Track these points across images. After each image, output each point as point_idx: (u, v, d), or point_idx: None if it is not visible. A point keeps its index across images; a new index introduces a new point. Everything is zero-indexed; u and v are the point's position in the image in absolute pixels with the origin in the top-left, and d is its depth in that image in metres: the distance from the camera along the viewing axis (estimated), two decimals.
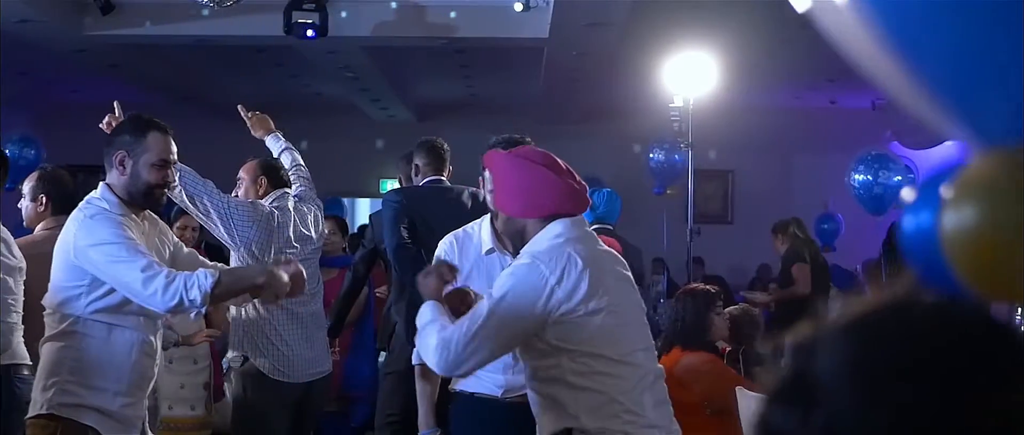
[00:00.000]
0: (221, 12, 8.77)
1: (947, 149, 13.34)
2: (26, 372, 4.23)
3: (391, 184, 15.39)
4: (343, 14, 8.85)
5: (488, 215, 3.57)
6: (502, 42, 9.49)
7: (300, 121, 12.61)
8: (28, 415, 3.39)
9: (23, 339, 4.11)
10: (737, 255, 13.34)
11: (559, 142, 7.96)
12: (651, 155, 10.09)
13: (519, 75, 11.53)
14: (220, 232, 4.40)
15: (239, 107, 5.04)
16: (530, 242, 2.99)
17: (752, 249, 12.91)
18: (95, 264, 3.28)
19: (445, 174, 5.22)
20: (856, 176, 10.52)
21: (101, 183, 3.49)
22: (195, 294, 3.19)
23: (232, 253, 4.54)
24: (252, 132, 5.00)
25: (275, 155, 4.92)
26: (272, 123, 5.01)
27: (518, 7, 8.58)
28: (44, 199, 4.45)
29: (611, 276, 3.00)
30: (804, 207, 10.99)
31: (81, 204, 3.48)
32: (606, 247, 3.12)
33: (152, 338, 3.48)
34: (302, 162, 4.95)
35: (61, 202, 4.42)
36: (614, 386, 2.93)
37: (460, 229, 3.69)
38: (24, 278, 4.25)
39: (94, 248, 3.27)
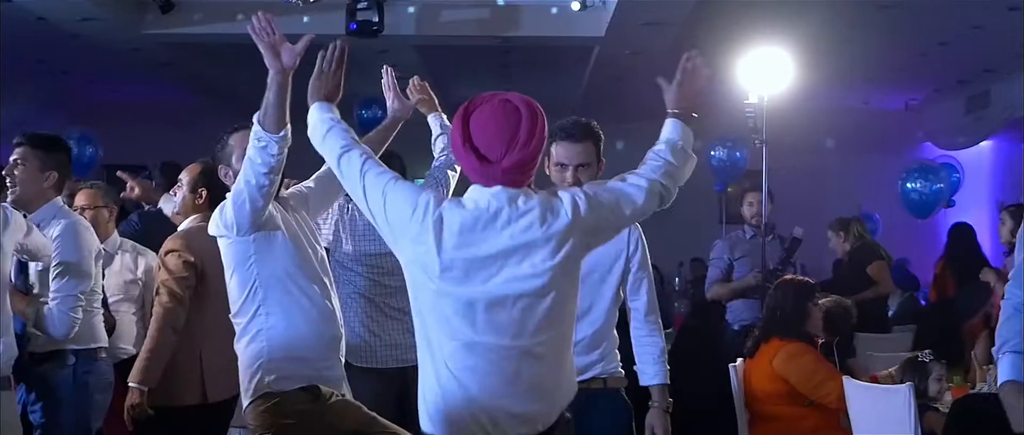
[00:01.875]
0: (281, 10, 8.84)
1: (982, 149, 13.52)
2: (104, 354, 4.39)
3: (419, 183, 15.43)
4: (398, 13, 8.90)
5: None
6: (556, 41, 9.56)
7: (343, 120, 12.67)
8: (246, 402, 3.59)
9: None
10: (770, 254, 13.38)
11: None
12: (712, 153, 10.14)
13: (560, 75, 11.59)
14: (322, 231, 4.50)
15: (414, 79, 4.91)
16: None
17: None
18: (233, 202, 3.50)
19: None
20: (907, 184, 10.62)
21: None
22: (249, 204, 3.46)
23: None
24: (419, 106, 4.81)
25: (433, 137, 4.85)
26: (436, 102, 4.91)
27: (575, 6, 8.65)
28: (204, 192, 4.48)
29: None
30: (837, 208, 11.05)
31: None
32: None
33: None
34: (453, 158, 4.85)
35: (219, 197, 4.53)
36: None
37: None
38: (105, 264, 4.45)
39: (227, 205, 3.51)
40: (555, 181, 3.61)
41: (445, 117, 4.88)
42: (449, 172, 4.83)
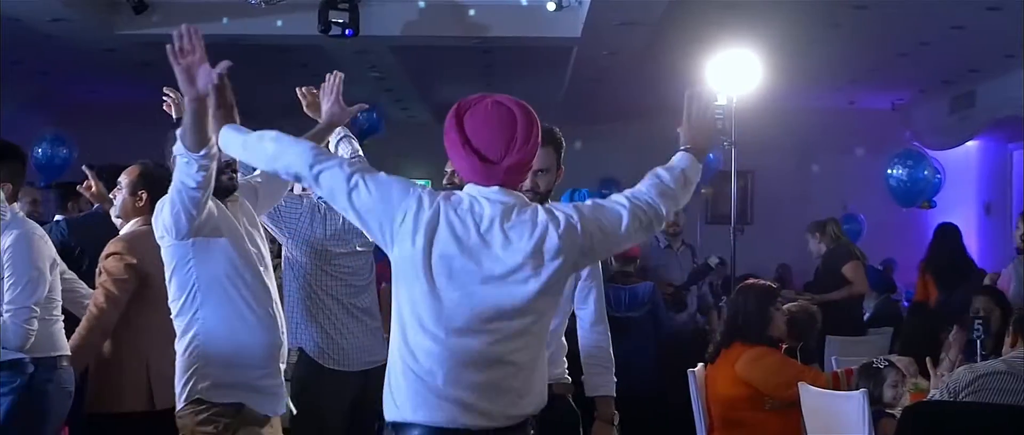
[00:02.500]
0: (255, 12, 8.81)
1: (968, 149, 13.47)
2: (66, 363, 4.31)
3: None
4: (374, 14, 8.86)
5: None
6: (533, 42, 9.51)
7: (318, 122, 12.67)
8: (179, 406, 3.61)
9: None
10: (756, 255, 13.37)
11: (579, 143, 7.97)
12: None
13: (542, 76, 11.55)
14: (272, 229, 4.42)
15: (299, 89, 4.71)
16: None
17: (771, 249, 12.96)
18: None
19: None
20: (890, 171, 10.58)
21: None
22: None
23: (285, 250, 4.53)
24: (307, 110, 4.47)
25: (333, 144, 4.77)
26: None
27: (551, 6, 8.60)
28: (144, 195, 4.43)
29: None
30: (823, 208, 11.02)
31: None
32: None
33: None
34: (361, 152, 4.79)
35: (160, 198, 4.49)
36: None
37: None
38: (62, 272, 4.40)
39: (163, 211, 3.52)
40: None
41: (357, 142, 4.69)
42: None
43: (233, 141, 2.99)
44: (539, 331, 2.73)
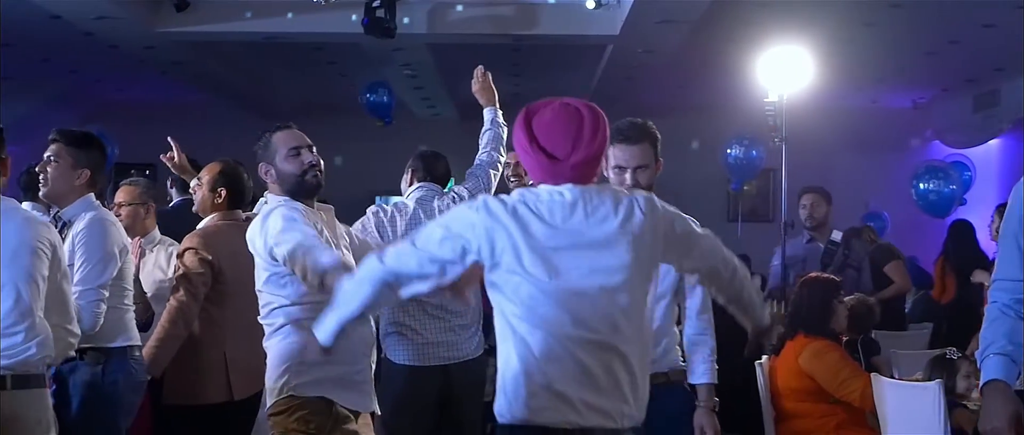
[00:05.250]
0: (294, 9, 8.90)
1: (990, 148, 13.55)
2: (138, 353, 4.34)
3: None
4: (415, 11, 8.93)
5: None
6: (570, 40, 9.58)
7: (345, 119, 12.75)
8: (270, 401, 3.61)
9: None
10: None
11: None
12: (728, 151, 10.17)
13: (571, 74, 11.61)
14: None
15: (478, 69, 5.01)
16: None
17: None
18: (277, 243, 3.49)
19: None
20: (921, 185, 10.69)
21: (266, 195, 3.80)
22: (320, 264, 3.37)
23: None
24: (475, 94, 4.97)
25: (482, 131, 4.94)
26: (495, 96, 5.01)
27: (590, 4, 8.67)
28: (223, 192, 4.55)
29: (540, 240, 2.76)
30: (845, 206, 11.07)
31: (262, 207, 3.74)
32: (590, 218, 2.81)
33: None
34: (497, 156, 4.91)
35: (238, 197, 4.62)
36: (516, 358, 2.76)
37: None
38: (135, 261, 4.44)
39: (271, 233, 3.51)
40: (614, 184, 3.62)
41: (499, 113, 4.98)
42: (491, 172, 4.87)
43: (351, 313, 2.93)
44: (639, 319, 2.72)
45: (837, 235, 7.01)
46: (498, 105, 5.06)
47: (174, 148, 5.27)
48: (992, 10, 8.77)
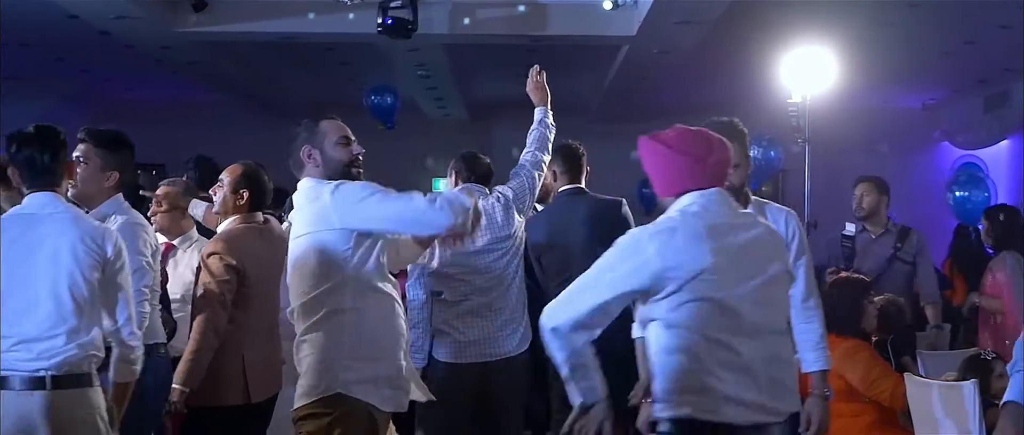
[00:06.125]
0: (311, 10, 8.92)
1: (1002, 149, 13.56)
2: (163, 351, 4.39)
3: (444, 184, 15.45)
4: (432, 11, 8.93)
5: None
6: (585, 40, 9.59)
7: (356, 120, 12.73)
8: (306, 401, 3.48)
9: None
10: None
11: (617, 141, 8.04)
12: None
13: (583, 74, 11.62)
14: None
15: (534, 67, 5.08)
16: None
17: None
18: (370, 214, 3.42)
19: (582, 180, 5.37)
20: (957, 193, 10.81)
21: (305, 179, 3.63)
22: (467, 201, 3.39)
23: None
24: (528, 91, 5.03)
25: (530, 129, 4.98)
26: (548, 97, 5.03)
27: (607, 5, 8.67)
28: (245, 193, 4.53)
29: (721, 250, 2.90)
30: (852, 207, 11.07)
31: (306, 189, 3.59)
32: (742, 216, 3.04)
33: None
34: (542, 157, 4.95)
35: (259, 199, 4.59)
36: (700, 361, 2.88)
37: None
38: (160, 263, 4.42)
39: (362, 202, 3.42)
40: None
41: (550, 114, 5.02)
42: (535, 173, 4.90)
43: None
44: (786, 326, 2.99)
45: (850, 229, 6.96)
46: (549, 105, 5.07)
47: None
48: (1008, 11, 8.78)
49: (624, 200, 5.49)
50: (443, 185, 15.65)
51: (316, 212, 3.48)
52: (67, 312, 3.39)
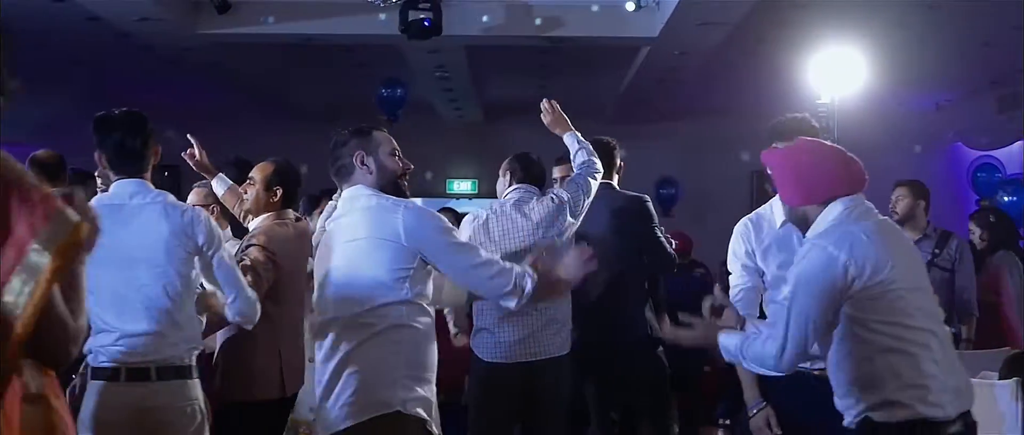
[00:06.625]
0: (334, 11, 8.94)
1: (1015, 150, 13.58)
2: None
3: (458, 184, 15.50)
4: (454, 13, 8.95)
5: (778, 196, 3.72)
6: (608, 42, 9.60)
7: (371, 122, 12.72)
8: (371, 416, 3.34)
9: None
10: None
11: (634, 142, 8.10)
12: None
13: (600, 76, 11.64)
14: None
15: (544, 102, 5.00)
16: (813, 225, 3.17)
17: None
18: (439, 252, 3.33)
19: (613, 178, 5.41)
20: (1005, 198, 10.92)
21: (358, 186, 3.49)
22: (528, 285, 3.33)
23: None
24: (549, 127, 4.95)
25: (572, 154, 4.91)
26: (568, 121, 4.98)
27: (630, 7, 8.69)
28: (279, 191, 4.55)
29: (895, 244, 3.12)
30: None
31: (370, 196, 3.43)
32: (884, 218, 3.22)
33: None
34: (595, 166, 4.92)
35: (292, 196, 4.62)
36: (911, 357, 3.03)
37: (753, 212, 3.93)
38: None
39: (435, 237, 3.33)
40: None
41: (578, 134, 4.97)
42: (590, 181, 4.91)
43: None
44: None
45: None
46: (572, 128, 5.03)
47: (195, 146, 5.18)
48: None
49: (648, 197, 5.56)
50: (457, 186, 15.68)
51: (381, 222, 3.35)
52: (166, 307, 3.51)
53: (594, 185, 4.93)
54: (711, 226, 10.53)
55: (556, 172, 5.41)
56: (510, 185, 4.92)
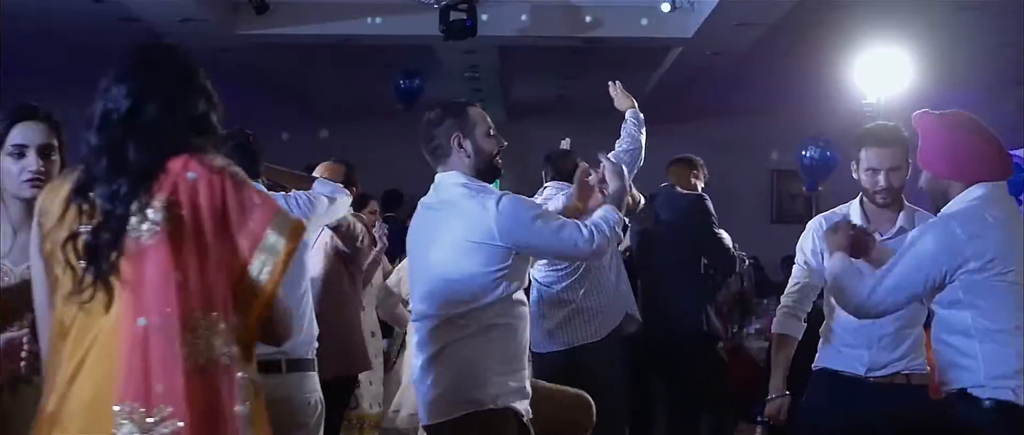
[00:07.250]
0: (370, 12, 9.00)
1: None
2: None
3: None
4: (490, 14, 9.01)
5: (859, 196, 3.78)
6: (642, 42, 9.66)
7: (394, 122, 12.77)
8: (463, 413, 3.36)
9: None
10: None
11: (662, 140, 8.18)
12: (804, 152, 10.27)
13: (626, 75, 11.57)
14: None
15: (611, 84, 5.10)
16: (951, 202, 3.21)
17: None
18: (534, 239, 3.34)
19: None
20: None
21: (451, 172, 3.44)
22: (615, 219, 3.42)
23: None
24: (616, 103, 5.04)
25: (627, 123, 4.97)
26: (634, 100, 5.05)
27: (665, 8, 8.74)
28: (353, 190, 4.86)
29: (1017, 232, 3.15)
30: None
31: (460, 187, 3.40)
32: (1019, 209, 3.30)
33: None
34: (639, 147, 4.92)
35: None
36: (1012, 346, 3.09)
37: (828, 211, 3.95)
38: None
39: (529, 226, 3.30)
40: (866, 186, 3.74)
41: (640, 114, 5.07)
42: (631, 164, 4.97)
43: None
44: None
45: None
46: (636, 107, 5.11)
47: None
48: None
49: (706, 195, 5.65)
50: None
51: (476, 222, 3.31)
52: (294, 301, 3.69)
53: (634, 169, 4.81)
54: (731, 224, 10.60)
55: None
56: (546, 181, 5.07)
